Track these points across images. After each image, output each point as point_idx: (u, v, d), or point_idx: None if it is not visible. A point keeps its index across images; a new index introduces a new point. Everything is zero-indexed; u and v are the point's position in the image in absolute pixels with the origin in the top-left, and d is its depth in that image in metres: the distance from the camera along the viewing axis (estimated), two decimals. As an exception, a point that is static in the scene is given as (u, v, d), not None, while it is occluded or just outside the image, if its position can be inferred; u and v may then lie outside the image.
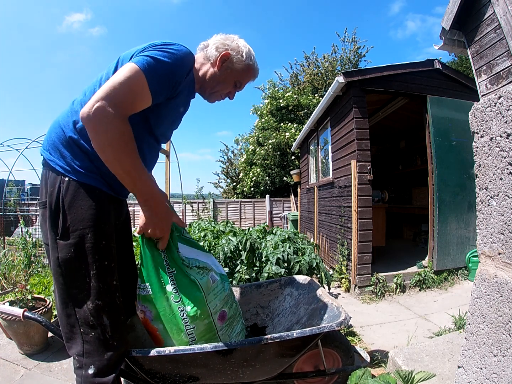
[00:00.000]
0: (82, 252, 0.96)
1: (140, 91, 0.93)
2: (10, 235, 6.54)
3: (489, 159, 0.99)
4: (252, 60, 1.20)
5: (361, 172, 3.33)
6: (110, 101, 0.87)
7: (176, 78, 1.01)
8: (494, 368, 0.92)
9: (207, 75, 1.17)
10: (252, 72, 1.23)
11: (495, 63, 2.01)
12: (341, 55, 11.73)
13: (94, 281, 0.97)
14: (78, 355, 0.97)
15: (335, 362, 1.43)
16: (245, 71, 1.20)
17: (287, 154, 9.40)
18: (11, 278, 2.73)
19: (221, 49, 1.15)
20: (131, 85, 0.91)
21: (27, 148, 6.37)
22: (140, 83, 0.93)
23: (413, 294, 3.24)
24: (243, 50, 1.17)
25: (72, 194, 0.97)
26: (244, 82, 1.24)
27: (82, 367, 0.96)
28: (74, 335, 0.98)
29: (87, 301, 0.96)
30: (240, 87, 1.25)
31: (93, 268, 0.97)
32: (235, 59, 1.16)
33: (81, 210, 0.97)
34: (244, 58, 1.16)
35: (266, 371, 1.19)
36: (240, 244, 2.25)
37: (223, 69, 1.16)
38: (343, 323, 1.14)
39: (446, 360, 1.57)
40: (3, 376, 1.78)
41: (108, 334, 0.97)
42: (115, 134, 0.88)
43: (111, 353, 0.97)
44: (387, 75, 3.39)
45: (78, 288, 0.97)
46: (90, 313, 0.96)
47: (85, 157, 0.99)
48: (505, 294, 0.91)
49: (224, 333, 1.14)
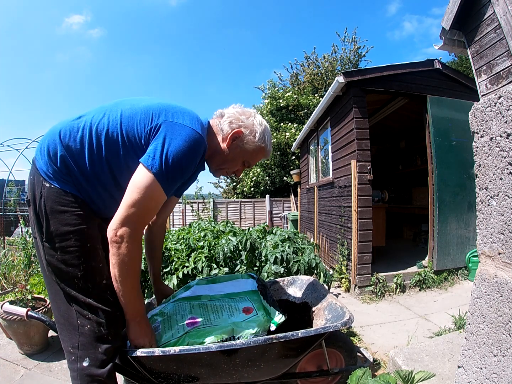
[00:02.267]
0: (68, 255, 0.98)
1: (158, 204, 1.00)
2: (10, 235, 6.54)
3: (489, 159, 0.99)
4: (266, 141, 1.15)
5: (361, 172, 3.33)
6: (134, 226, 0.94)
7: (188, 173, 1.03)
8: (494, 368, 0.92)
9: (216, 150, 1.14)
10: (263, 153, 1.19)
11: (495, 63, 2.01)
12: (341, 55, 11.75)
13: (83, 282, 0.99)
14: (73, 347, 0.98)
15: (338, 362, 1.43)
16: (255, 152, 1.16)
17: (287, 154, 9.40)
18: (11, 278, 2.73)
19: (235, 125, 1.11)
20: (151, 204, 0.97)
21: (27, 148, 6.37)
22: (159, 196, 0.98)
23: (413, 294, 3.24)
24: (257, 130, 1.13)
25: (53, 200, 0.99)
26: (253, 162, 1.20)
27: (77, 360, 0.97)
28: (69, 326, 1.00)
29: (80, 298, 0.99)
30: (249, 166, 1.21)
31: (80, 270, 0.99)
32: (247, 139, 1.12)
33: (64, 215, 0.99)
34: (256, 139, 1.12)
35: (271, 371, 1.19)
36: (240, 244, 2.25)
37: (232, 147, 1.13)
38: (347, 323, 1.14)
39: (446, 360, 1.57)
40: (3, 376, 1.78)
41: (103, 329, 0.99)
42: (130, 259, 0.95)
43: (106, 347, 0.98)
44: (387, 75, 3.39)
45: (69, 286, 0.99)
46: (86, 307, 0.99)
47: (67, 172, 1.01)
48: (505, 294, 0.91)
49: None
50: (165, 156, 0.94)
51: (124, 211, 0.93)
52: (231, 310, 1.23)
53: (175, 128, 0.97)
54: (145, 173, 0.94)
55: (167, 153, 0.94)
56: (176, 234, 2.64)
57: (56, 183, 0.99)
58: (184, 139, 0.96)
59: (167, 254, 2.24)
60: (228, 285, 1.43)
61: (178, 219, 9.39)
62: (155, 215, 1.04)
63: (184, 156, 0.96)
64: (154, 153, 0.95)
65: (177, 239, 2.51)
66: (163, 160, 0.94)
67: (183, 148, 0.96)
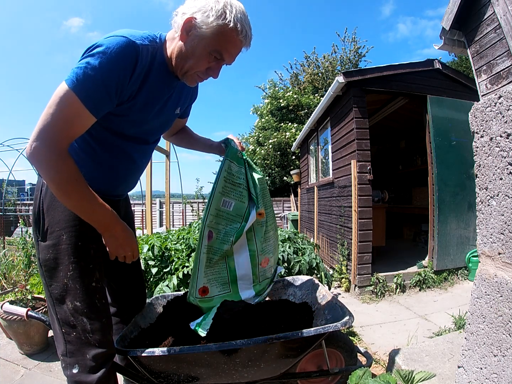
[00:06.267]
0: (59, 253, 0.97)
1: (75, 116, 0.82)
2: (10, 235, 6.54)
3: (489, 159, 0.99)
4: (227, 17, 0.85)
5: (361, 172, 3.33)
6: (44, 141, 0.79)
7: (115, 83, 0.84)
8: (494, 368, 0.92)
9: (174, 53, 0.94)
10: (229, 33, 0.87)
11: (495, 63, 2.01)
12: (341, 55, 11.74)
13: (72, 282, 0.97)
14: (62, 355, 0.98)
15: (338, 362, 1.43)
16: (217, 35, 0.87)
17: (287, 154, 9.40)
18: (11, 278, 2.72)
19: (186, 15, 0.87)
20: (64, 114, 0.81)
21: (27, 148, 6.36)
22: (74, 107, 0.81)
23: (413, 294, 3.24)
24: (211, 7, 0.85)
25: (50, 196, 0.97)
26: (225, 51, 0.91)
27: (67, 367, 0.97)
28: (58, 334, 0.99)
29: (66, 301, 0.97)
30: (223, 59, 0.93)
31: (69, 269, 0.96)
32: (200, 23, 0.86)
33: (57, 211, 0.97)
34: (211, 18, 0.84)
35: (271, 371, 1.19)
36: (240, 244, 2.25)
37: (189, 40, 0.89)
38: (347, 323, 1.14)
39: (446, 360, 1.57)
40: (3, 376, 1.78)
41: (89, 335, 0.97)
42: (55, 174, 0.83)
43: (94, 353, 0.96)
44: (387, 75, 3.39)
45: (58, 288, 0.97)
46: (70, 313, 0.96)
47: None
48: (505, 294, 0.91)
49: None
50: (78, 66, 0.81)
51: (37, 125, 0.80)
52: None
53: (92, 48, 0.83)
54: (60, 86, 0.81)
55: (81, 63, 0.81)
56: (176, 234, 2.64)
57: None
58: (101, 47, 0.81)
59: (167, 254, 2.24)
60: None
61: (178, 219, 9.40)
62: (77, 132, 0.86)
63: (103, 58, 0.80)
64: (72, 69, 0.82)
65: (177, 239, 2.51)
66: (75, 70, 0.80)
67: (101, 52, 0.80)
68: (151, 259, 2.15)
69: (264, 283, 1.31)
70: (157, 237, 2.45)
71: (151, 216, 3.70)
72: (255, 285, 1.27)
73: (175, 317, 1.39)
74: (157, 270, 2.10)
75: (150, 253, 2.17)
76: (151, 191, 3.76)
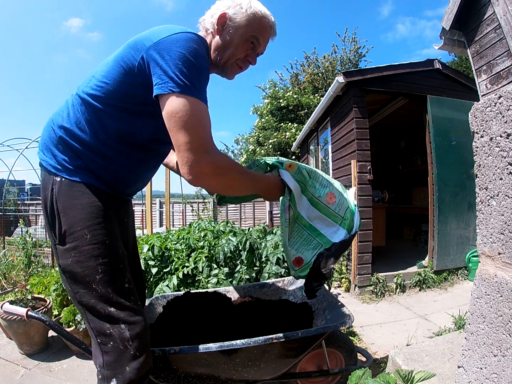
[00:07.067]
0: (83, 255, 0.87)
1: (204, 112, 0.85)
2: (10, 235, 6.54)
3: (489, 159, 0.98)
4: (256, 8, 0.97)
5: (361, 172, 3.33)
6: (199, 157, 0.81)
7: (207, 70, 0.91)
8: (494, 368, 0.92)
9: (212, 48, 1.00)
10: (262, 20, 0.98)
11: (495, 63, 2.01)
12: (341, 55, 11.73)
13: (102, 286, 0.87)
14: (100, 366, 0.89)
15: (338, 362, 1.43)
16: (252, 22, 0.97)
17: (287, 154, 9.39)
18: (11, 278, 2.72)
19: (216, 14, 0.97)
20: (200, 118, 0.82)
21: (27, 148, 6.36)
22: (199, 106, 0.83)
23: (413, 294, 3.24)
24: (241, 2, 0.96)
25: (65, 195, 0.90)
26: (261, 36, 1.00)
27: (104, 379, 0.87)
28: (94, 345, 0.91)
29: (98, 308, 0.87)
30: (259, 45, 1.01)
31: (99, 272, 0.87)
32: (234, 14, 0.96)
33: (76, 210, 0.88)
34: (244, 8, 0.96)
35: (271, 371, 1.19)
36: (240, 244, 2.25)
37: (225, 33, 0.97)
38: (347, 323, 1.14)
39: (446, 360, 1.57)
40: (3, 376, 1.78)
41: (128, 343, 0.86)
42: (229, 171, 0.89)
43: (135, 365, 0.86)
44: (387, 75, 3.38)
45: (86, 295, 0.87)
46: (105, 321, 0.87)
47: (74, 155, 0.92)
48: (505, 294, 0.91)
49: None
50: (174, 69, 0.81)
51: (182, 149, 0.80)
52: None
53: (164, 43, 0.84)
54: (171, 99, 0.80)
55: (173, 65, 0.81)
56: (176, 234, 2.63)
57: (66, 174, 0.91)
58: (177, 41, 0.84)
59: (167, 254, 2.24)
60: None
61: (178, 219, 9.40)
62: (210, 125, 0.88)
63: (190, 54, 0.83)
64: (161, 78, 0.81)
65: (177, 239, 2.51)
66: (175, 74, 0.80)
67: (184, 49, 0.83)
68: (151, 259, 2.15)
69: (348, 214, 1.19)
70: (157, 237, 2.44)
71: (151, 216, 3.70)
72: (341, 223, 1.17)
73: (175, 317, 1.39)
74: (157, 270, 2.10)
75: (150, 253, 2.16)
76: (151, 191, 3.76)
